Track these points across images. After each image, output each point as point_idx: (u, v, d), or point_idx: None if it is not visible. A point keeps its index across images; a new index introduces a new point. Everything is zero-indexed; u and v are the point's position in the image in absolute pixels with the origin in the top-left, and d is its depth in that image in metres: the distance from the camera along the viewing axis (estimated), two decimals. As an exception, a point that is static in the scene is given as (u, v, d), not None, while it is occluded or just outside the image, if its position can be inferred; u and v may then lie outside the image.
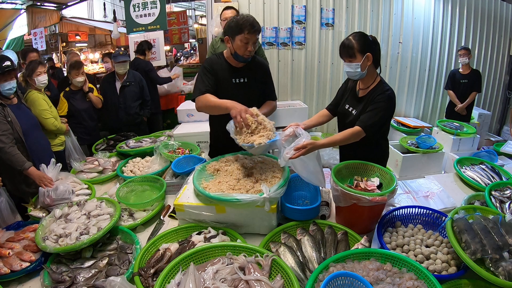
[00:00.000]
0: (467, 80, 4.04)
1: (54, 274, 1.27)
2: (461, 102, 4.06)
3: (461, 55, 4.00)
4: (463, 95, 4.07)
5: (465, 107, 4.06)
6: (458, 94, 4.10)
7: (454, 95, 4.13)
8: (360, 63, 1.64)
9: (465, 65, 4.05)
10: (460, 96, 4.09)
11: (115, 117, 3.38)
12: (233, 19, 1.77)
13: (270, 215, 1.42)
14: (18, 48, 6.28)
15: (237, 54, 1.80)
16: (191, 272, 1.09)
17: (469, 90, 4.03)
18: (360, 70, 1.66)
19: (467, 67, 4.06)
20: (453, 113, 4.15)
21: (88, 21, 8.35)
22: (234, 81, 1.89)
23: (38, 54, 3.46)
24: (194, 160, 2.11)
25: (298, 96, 4.36)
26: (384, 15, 4.22)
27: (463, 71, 4.09)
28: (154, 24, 4.40)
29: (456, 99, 4.11)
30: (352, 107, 1.84)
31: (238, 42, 1.75)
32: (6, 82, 2.08)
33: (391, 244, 1.32)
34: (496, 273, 1.06)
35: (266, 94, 2.03)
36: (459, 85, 4.09)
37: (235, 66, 1.88)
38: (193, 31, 8.40)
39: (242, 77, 1.90)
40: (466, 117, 4.12)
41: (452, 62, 4.64)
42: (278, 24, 4.09)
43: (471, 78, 4.03)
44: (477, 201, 1.69)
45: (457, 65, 4.67)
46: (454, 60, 4.63)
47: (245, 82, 1.91)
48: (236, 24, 1.73)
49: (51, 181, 1.87)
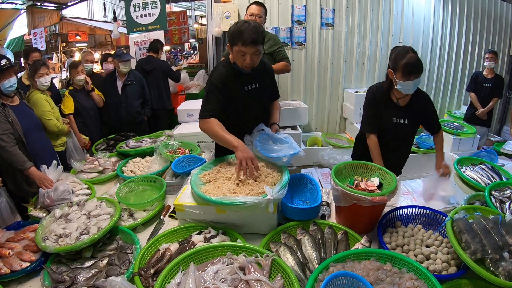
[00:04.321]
0: (490, 84, 3.89)
1: (54, 274, 1.27)
2: (481, 106, 3.92)
3: (488, 58, 3.86)
4: (484, 99, 3.92)
5: (486, 112, 3.91)
6: (479, 97, 3.94)
7: (476, 98, 3.97)
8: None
9: (490, 69, 3.90)
10: (481, 100, 3.93)
11: (116, 116, 3.39)
12: (232, 27, 1.66)
13: (270, 215, 1.42)
14: (18, 48, 6.29)
15: (236, 64, 1.73)
16: (191, 272, 1.09)
17: (491, 95, 3.88)
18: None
19: (492, 71, 3.91)
20: (474, 118, 3.98)
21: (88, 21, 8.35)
22: (247, 88, 1.80)
23: (40, 54, 3.45)
24: (194, 160, 2.11)
25: (298, 96, 4.36)
26: (384, 15, 4.22)
27: (487, 75, 3.94)
28: (154, 24, 4.41)
29: (477, 103, 3.94)
30: (401, 118, 1.92)
31: (235, 53, 1.67)
32: (5, 80, 2.07)
33: (391, 244, 1.33)
34: (496, 273, 1.06)
35: (271, 94, 2.01)
36: (482, 89, 3.93)
37: (244, 73, 1.77)
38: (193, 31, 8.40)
39: (253, 83, 1.82)
40: (487, 122, 4.00)
41: (452, 62, 4.64)
42: (278, 24, 4.08)
43: (495, 83, 3.89)
44: (477, 201, 1.69)
45: (457, 64, 4.68)
46: (454, 60, 4.63)
47: (257, 87, 1.83)
48: (232, 34, 1.63)
49: (52, 182, 1.87)
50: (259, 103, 1.88)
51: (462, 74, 4.75)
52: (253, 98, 1.83)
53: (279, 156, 1.59)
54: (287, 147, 1.69)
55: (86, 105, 3.15)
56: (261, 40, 1.64)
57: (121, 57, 3.31)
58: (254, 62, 1.68)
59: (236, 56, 1.68)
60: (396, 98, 1.90)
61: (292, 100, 4.32)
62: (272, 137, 1.76)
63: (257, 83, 1.84)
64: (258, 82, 1.84)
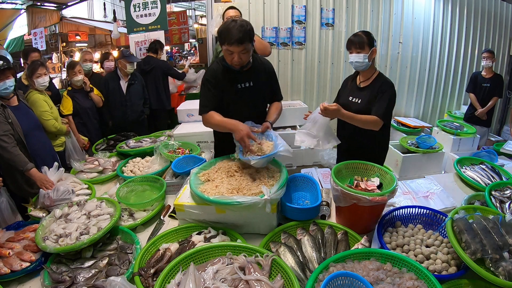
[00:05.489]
0: (489, 84, 3.89)
1: (54, 274, 1.27)
2: (481, 106, 3.92)
3: (485, 58, 3.86)
4: (484, 99, 3.92)
5: (485, 112, 3.93)
6: (478, 97, 3.95)
7: (475, 98, 3.97)
8: (367, 55, 1.89)
9: (488, 69, 3.90)
10: (480, 100, 3.93)
11: (122, 115, 3.40)
12: (221, 27, 1.69)
13: (270, 215, 1.42)
14: (18, 48, 6.28)
15: (226, 62, 1.75)
16: (191, 272, 1.09)
17: (490, 95, 3.88)
18: (367, 61, 1.90)
19: (490, 70, 3.92)
20: (474, 118, 3.99)
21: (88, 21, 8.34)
22: (239, 86, 1.82)
23: (40, 54, 3.45)
24: (194, 160, 2.11)
25: (298, 96, 4.36)
26: (384, 15, 4.22)
27: (485, 75, 3.95)
28: (154, 24, 4.41)
29: (476, 103, 3.95)
30: (356, 97, 2.01)
31: (224, 52, 1.70)
32: (1, 81, 2.05)
33: (391, 244, 1.33)
34: (496, 273, 1.06)
35: (271, 95, 2.01)
36: (481, 89, 3.94)
37: (239, 71, 1.78)
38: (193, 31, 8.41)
39: (247, 81, 1.83)
40: (487, 122, 3.99)
41: (452, 62, 4.65)
42: (278, 24, 4.09)
43: (493, 82, 3.88)
44: (477, 201, 1.69)
45: (457, 64, 4.68)
46: (454, 60, 4.64)
47: (251, 86, 1.84)
48: (220, 33, 1.66)
49: (53, 184, 1.87)
50: (252, 103, 1.88)
51: (462, 74, 4.75)
52: (245, 97, 1.85)
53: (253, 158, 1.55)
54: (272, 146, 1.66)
55: (85, 106, 3.15)
56: (248, 38, 1.64)
57: (130, 58, 3.33)
58: (242, 60, 1.69)
59: (225, 55, 1.72)
60: (359, 81, 2.05)
61: (292, 100, 4.32)
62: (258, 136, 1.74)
63: (251, 82, 1.84)
64: (253, 81, 1.85)
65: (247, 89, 1.84)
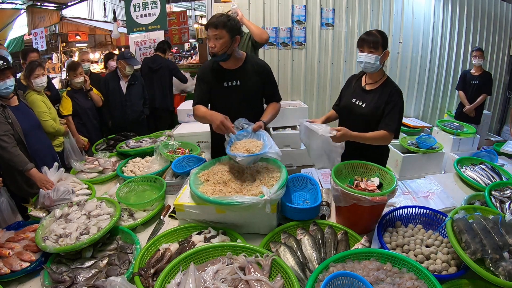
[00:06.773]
0: (477, 82, 3.96)
1: (54, 274, 1.27)
2: (470, 103, 3.99)
3: (475, 56, 3.91)
4: (473, 96, 3.99)
5: (473, 109, 3.98)
6: (468, 95, 4.03)
7: (464, 95, 4.06)
8: (380, 57, 1.75)
9: (477, 66, 3.97)
10: (469, 97, 4.01)
11: (122, 115, 3.40)
12: None
13: (270, 215, 1.42)
14: (18, 48, 6.28)
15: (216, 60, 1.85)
16: (191, 272, 1.09)
17: (479, 92, 3.95)
18: (378, 63, 1.76)
19: (479, 68, 3.98)
20: (462, 115, 4.07)
21: (88, 21, 8.34)
22: (225, 84, 1.88)
23: (39, 54, 3.44)
24: (194, 160, 2.11)
25: (298, 96, 4.36)
26: (384, 15, 4.22)
27: (474, 72, 4.02)
28: (154, 24, 4.41)
29: (465, 100, 4.04)
30: (360, 100, 1.88)
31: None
32: (2, 81, 2.06)
33: (391, 244, 1.32)
34: (496, 273, 1.06)
35: (267, 96, 2.02)
36: (469, 86, 4.02)
37: (228, 69, 1.86)
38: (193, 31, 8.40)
39: (234, 80, 1.88)
40: (476, 119, 4.04)
41: (452, 62, 4.64)
42: (278, 24, 4.08)
43: (482, 79, 3.95)
44: (477, 201, 1.69)
45: (457, 64, 4.68)
46: (454, 60, 4.63)
47: (238, 85, 1.89)
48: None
49: (53, 184, 1.87)
50: (238, 102, 1.90)
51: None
52: (233, 95, 1.88)
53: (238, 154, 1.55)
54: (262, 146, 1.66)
55: (84, 106, 3.15)
56: (222, 25, 1.70)
57: (130, 61, 3.33)
58: (215, 46, 1.74)
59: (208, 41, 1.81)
60: (364, 83, 1.92)
61: (292, 100, 4.32)
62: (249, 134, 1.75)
63: (239, 81, 1.88)
64: (241, 80, 1.88)
65: (233, 88, 1.89)
